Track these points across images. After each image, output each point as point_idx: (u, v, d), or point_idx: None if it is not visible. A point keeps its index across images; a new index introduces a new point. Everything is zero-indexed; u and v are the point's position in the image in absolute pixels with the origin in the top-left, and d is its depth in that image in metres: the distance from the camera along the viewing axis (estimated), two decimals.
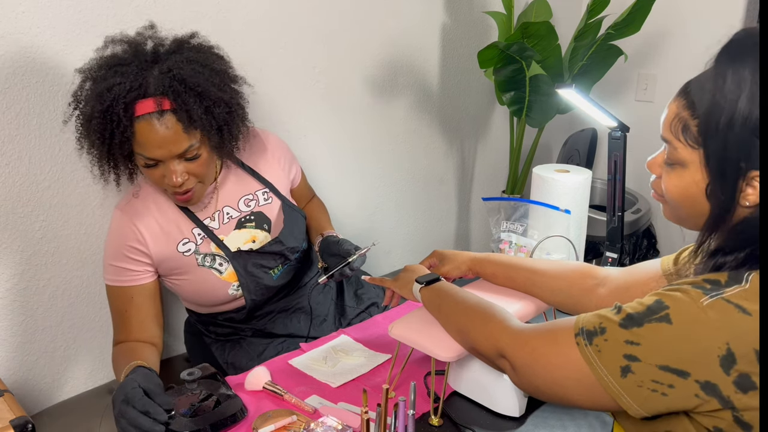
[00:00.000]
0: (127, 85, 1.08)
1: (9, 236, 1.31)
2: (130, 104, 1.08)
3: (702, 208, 0.77)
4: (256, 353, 1.36)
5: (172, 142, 1.12)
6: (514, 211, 1.63)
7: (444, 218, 2.48)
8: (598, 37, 2.10)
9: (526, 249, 1.55)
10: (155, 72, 1.11)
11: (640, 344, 0.71)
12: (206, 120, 1.14)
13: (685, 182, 0.78)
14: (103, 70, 1.11)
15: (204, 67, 1.15)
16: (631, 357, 0.72)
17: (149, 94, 1.09)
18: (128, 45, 1.15)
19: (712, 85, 0.71)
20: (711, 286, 0.71)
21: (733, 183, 0.72)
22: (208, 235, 1.29)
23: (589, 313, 0.79)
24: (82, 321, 1.46)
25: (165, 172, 1.15)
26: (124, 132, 1.09)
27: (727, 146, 0.71)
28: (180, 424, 0.98)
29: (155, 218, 1.26)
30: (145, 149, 1.11)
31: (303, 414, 1.04)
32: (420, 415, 1.04)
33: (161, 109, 1.09)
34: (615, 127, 1.56)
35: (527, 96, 2.13)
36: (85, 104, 1.12)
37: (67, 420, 1.31)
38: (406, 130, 2.17)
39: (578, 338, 0.77)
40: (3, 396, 1.06)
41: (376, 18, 1.91)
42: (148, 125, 1.09)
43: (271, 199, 1.38)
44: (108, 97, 1.07)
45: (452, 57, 2.24)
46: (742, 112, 0.68)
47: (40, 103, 1.29)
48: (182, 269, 1.28)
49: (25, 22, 1.25)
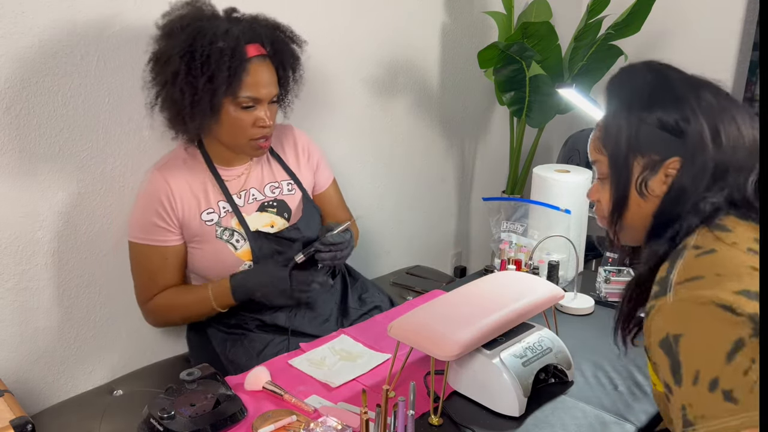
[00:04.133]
0: (239, 29, 1.22)
1: (9, 236, 1.31)
2: (244, 46, 1.21)
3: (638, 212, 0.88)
4: (256, 351, 1.36)
5: (272, 83, 1.27)
6: (514, 211, 1.63)
7: (444, 218, 2.48)
8: (598, 37, 2.10)
9: (526, 249, 1.55)
10: (243, 24, 1.25)
11: None
12: (288, 71, 1.33)
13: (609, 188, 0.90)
14: (198, 21, 1.22)
15: (280, 23, 1.32)
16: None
17: (254, 40, 1.24)
18: (194, 7, 1.26)
19: (606, 106, 0.91)
20: (659, 288, 0.78)
21: (626, 172, 0.86)
22: (233, 210, 1.34)
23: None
24: (82, 321, 1.46)
25: (258, 114, 1.27)
26: (239, 71, 1.21)
27: (618, 144, 0.87)
28: (180, 424, 0.98)
29: (188, 182, 1.32)
30: (252, 89, 1.24)
31: (303, 414, 1.04)
32: (420, 414, 1.04)
33: (263, 54, 1.26)
34: None
35: (527, 96, 2.13)
36: (190, 50, 1.19)
37: (67, 420, 1.31)
38: (406, 130, 2.17)
39: None
40: (3, 396, 1.07)
41: (376, 18, 1.91)
42: (258, 66, 1.24)
43: (294, 191, 1.44)
44: (228, 38, 1.19)
45: (452, 57, 2.24)
46: (626, 115, 0.86)
47: (39, 104, 1.29)
48: (201, 237, 1.33)
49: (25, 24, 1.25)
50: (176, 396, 1.04)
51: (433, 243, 2.41)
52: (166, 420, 0.99)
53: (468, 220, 2.59)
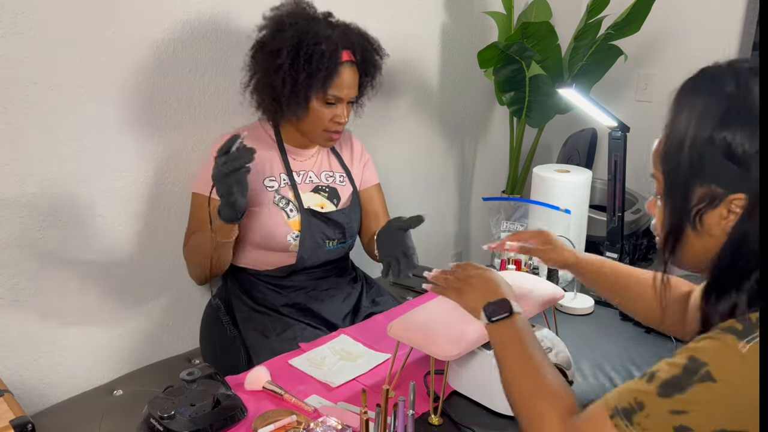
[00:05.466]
0: (338, 35, 1.37)
1: (9, 236, 1.31)
2: (341, 51, 1.37)
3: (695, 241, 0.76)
4: (276, 331, 1.40)
5: (354, 87, 1.44)
6: (514, 211, 1.63)
7: (444, 218, 2.48)
8: (598, 37, 2.10)
9: None
10: (339, 29, 1.39)
11: (689, 412, 0.64)
12: (369, 79, 1.48)
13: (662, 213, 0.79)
14: (305, 20, 1.36)
15: (368, 35, 1.47)
16: (681, 428, 0.64)
17: (349, 47, 1.39)
18: (299, 7, 1.41)
19: (672, 117, 0.76)
20: (743, 327, 0.66)
21: (682, 201, 0.74)
22: (291, 183, 1.48)
23: (616, 388, 0.73)
24: (82, 321, 1.46)
25: (337, 111, 1.42)
26: (332, 72, 1.36)
27: (679, 164, 0.74)
28: (180, 424, 0.98)
29: (260, 149, 1.38)
30: (338, 88, 1.39)
31: (303, 414, 1.04)
32: (420, 414, 1.04)
33: (352, 60, 1.41)
34: (615, 127, 1.56)
35: (527, 96, 2.13)
36: (296, 47, 1.33)
37: (67, 420, 1.31)
38: (406, 130, 2.17)
39: (615, 420, 0.69)
40: (3, 396, 1.06)
41: (376, 18, 1.91)
42: (347, 70, 1.40)
43: (346, 183, 1.58)
44: (330, 43, 1.34)
45: (452, 57, 2.24)
46: (693, 132, 0.72)
47: (40, 103, 1.30)
48: (259, 200, 1.44)
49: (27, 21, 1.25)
50: (176, 396, 1.04)
51: (433, 243, 2.41)
52: (166, 420, 0.99)
53: (468, 220, 2.59)
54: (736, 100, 0.71)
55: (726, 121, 0.70)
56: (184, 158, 1.55)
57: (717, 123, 0.70)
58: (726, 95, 0.71)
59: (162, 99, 1.48)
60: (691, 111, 0.73)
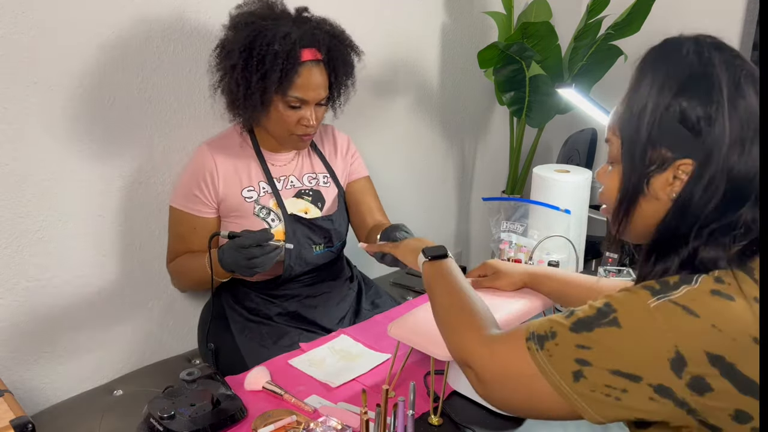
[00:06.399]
0: (298, 34, 1.28)
1: (8, 236, 1.31)
2: (299, 50, 1.28)
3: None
4: (273, 339, 1.39)
5: (321, 87, 1.34)
6: (514, 211, 1.63)
7: (444, 218, 2.48)
8: (598, 37, 2.10)
9: (526, 249, 1.55)
10: (306, 27, 1.31)
11: (591, 348, 0.70)
12: (341, 77, 1.38)
13: (618, 177, 0.80)
14: (265, 20, 1.29)
15: (341, 32, 1.39)
16: (582, 361, 0.70)
17: (311, 45, 1.30)
18: (264, 4, 1.34)
19: (633, 83, 0.78)
20: (660, 287, 0.71)
21: (640, 166, 0.76)
22: (273, 191, 1.43)
23: (542, 318, 0.77)
24: (82, 321, 1.46)
25: (304, 114, 1.35)
26: (290, 73, 1.28)
27: (638, 130, 0.75)
28: (179, 424, 0.98)
29: (234, 160, 1.42)
30: (300, 90, 1.31)
31: (302, 414, 1.04)
32: (420, 414, 1.04)
33: (317, 59, 1.32)
34: None
35: (527, 96, 2.13)
36: (249, 47, 1.27)
37: (67, 420, 1.31)
38: (406, 130, 2.17)
39: (529, 343, 0.75)
40: (3, 396, 1.06)
41: (375, 18, 1.91)
42: (309, 70, 1.31)
43: (330, 184, 1.53)
44: (285, 42, 1.26)
45: (452, 57, 2.24)
46: (654, 98, 0.74)
47: (38, 104, 1.30)
48: (239, 213, 1.41)
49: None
50: (176, 396, 1.04)
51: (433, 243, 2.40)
52: (166, 420, 0.99)
53: (468, 220, 2.59)
54: (695, 69, 0.73)
55: (684, 89, 0.73)
56: (185, 158, 1.54)
57: (677, 90, 0.73)
58: (687, 63, 0.74)
59: (162, 99, 1.48)
60: (654, 78, 0.75)
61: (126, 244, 1.50)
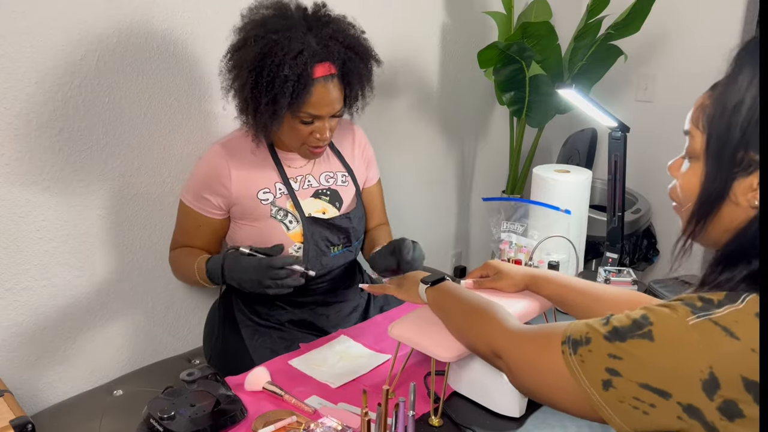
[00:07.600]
0: (311, 50, 1.21)
1: (8, 236, 1.31)
2: (312, 68, 1.21)
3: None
4: (284, 346, 1.38)
5: (336, 101, 1.28)
6: (514, 211, 1.63)
7: (444, 218, 2.48)
8: (598, 37, 2.10)
9: (526, 249, 1.55)
10: (321, 37, 1.23)
11: (623, 359, 0.69)
12: (356, 90, 1.33)
13: (698, 175, 0.72)
14: (276, 33, 1.21)
15: (358, 40, 1.31)
16: (613, 371, 0.69)
17: (325, 59, 1.23)
18: (275, 10, 1.26)
19: (730, 75, 0.69)
20: (702, 305, 0.67)
21: (728, 168, 0.68)
22: (289, 193, 1.39)
23: (581, 321, 0.77)
24: (82, 321, 1.46)
25: (317, 128, 1.29)
26: (302, 93, 1.22)
27: (729, 129, 0.67)
28: (179, 424, 0.98)
29: (249, 161, 1.37)
30: (314, 107, 1.25)
31: (303, 414, 1.04)
32: (420, 415, 1.04)
33: (332, 73, 1.25)
34: (615, 127, 1.56)
35: (527, 96, 2.13)
36: (259, 67, 1.21)
37: (67, 420, 1.31)
38: (406, 130, 2.17)
39: (564, 346, 0.74)
40: (3, 396, 1.06)
41: (376, 18, 1.91)
42: (323, 87, 1.24)
43: (348, 183, 1.49)
44: (296, 63, 1.19)
45: (452, 57, 2.24)
46: (752, 99, 0.66)
47: (38, 103, 1.29)
48: (255, 215, 1.38)
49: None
50: (176, 396, 1.04)
51: (433, 243, 2.41)
52: (166, 420, 0.99)
53: (468, 220, 2.60)
54: None
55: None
56: (185, 158, 1.54)
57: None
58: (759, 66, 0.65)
59: (162, 99, 1.48)
60: (755, 71, 0.66)
61: (126, 244, 1.50)
